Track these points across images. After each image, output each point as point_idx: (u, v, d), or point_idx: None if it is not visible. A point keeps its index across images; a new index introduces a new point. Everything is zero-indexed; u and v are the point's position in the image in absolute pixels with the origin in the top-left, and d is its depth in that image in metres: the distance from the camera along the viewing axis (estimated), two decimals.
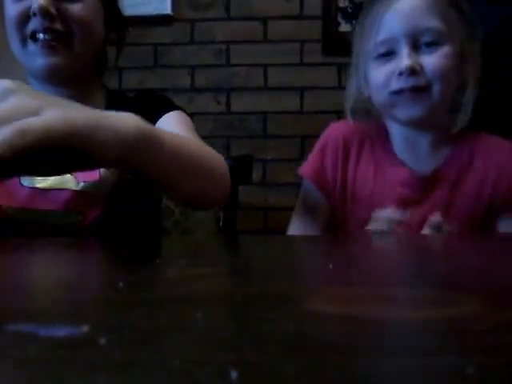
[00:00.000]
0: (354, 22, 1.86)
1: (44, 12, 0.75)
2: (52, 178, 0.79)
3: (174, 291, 0.25)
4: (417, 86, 0.83)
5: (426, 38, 0.83)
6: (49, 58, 0.78)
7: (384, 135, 0.94)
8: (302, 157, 1.88)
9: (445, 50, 0.84)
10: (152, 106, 0.88)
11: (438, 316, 0.18)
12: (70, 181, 0.80)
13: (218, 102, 1.94)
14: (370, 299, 0.22)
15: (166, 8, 1.91)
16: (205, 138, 0.83)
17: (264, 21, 1.93)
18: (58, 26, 0.77)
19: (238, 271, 0.33)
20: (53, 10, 0.76)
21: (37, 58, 0.78)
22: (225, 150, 1.91)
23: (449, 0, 0.86)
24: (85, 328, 0.16)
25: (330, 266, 0.34)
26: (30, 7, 0.76)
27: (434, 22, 0.83)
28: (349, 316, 0.18)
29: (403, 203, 0.87)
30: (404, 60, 0.82)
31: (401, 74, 0.82)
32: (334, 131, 0.96)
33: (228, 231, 1.19)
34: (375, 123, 0.94)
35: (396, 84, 0.84)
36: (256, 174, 1.71)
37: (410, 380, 0.12)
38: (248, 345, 0.15)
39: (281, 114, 1.91)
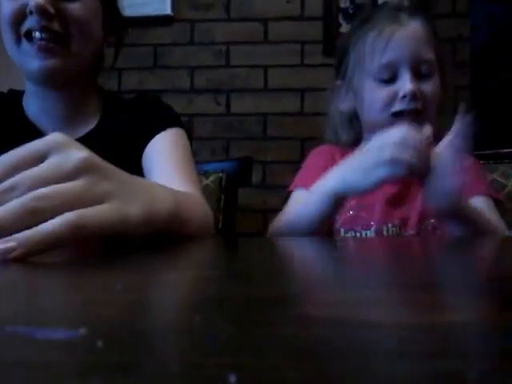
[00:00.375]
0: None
1: (41, 10, 0.74)
2: None
3: (172, 294, 0.25)
4: (415, 109, 0.90)
5: (424, 68, 0.92)
6: (45, 60, 0.77)
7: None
8: (302, 159, 1.88)
9: (436, 80, 0.93)
10: (150, 119, 0.87)
11: (437, 320, 0.18)
12: None
13: (218, 103, 1.95)
14: (369, 303, 0.22)
15: (166, 8, 1.92)
16: (204, 139, 0.84)
17: (264, 22, 1.93)
18: (55, 25, 0.76)
19: (236, 274, 0.33)
20: (50, 9, 0.75)
21: (33, 60, 0.77)
22: (224, 151, 1.91)
23: (434, 26, 0.97)
24: (82, 330, 0.16)
25: (329, 269, 0.34)
26: (26, 5, 0.75)
27: (430, 54, 0.93)
28: (348, 319, 0.18)
29: (392, 201, 0.93)
30: (408, 84, 0.89)
31: (404, 96, 0.89)
32: (321, 149, 1.04)
33: (227, 233, 1.19)
34: (347, 148, 1.01)
35: (399, 106, 0.90)
36: (256, 176, 1.72)
37: (409, 383, 0.12)
38: (247, 348, 0.15)
39: (281, 116, 1.92)
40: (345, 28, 1.87)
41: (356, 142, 1.03)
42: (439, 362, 0.13)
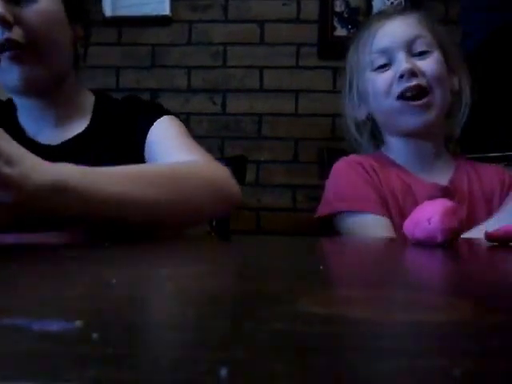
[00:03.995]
0: (349, 26, 1.87)
1: (2, 20, 0.71)
2: None
3: (166, 289, 0.25)
4: (419, 85, 0.86)
5: (418, 47, 0.88)
6: (19, 70, 0.75)
7: (388, 158, 0.96)
8: (295, 159, 1.89)
9: (435, 55, 0.89)
10: (142, 113, 0.86)
11: (425, 319, 0.19)
12: None
13: (214, 103, 1.94)
14: (358, 301, 0.22)
15: (165, 9, 1.91)
16: (200, 138, 0.84)
17: (261, 24, 1.93)
18: (15, 35, 0.73)
19: (229, 271, 0.33)
20: (10, 18, 0.72)
21: (10, 74, 0.75)
22: (219, 150, 1.91)
23: (431, 18, 0.94)
24: (78, 323, 0.16)
25: (321, 267, 0.35)
26: None
27: (424, 32, 0.90)
28: (338, 317, 0.19)
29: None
30: (403, 63, 0.86)
31: (401, 76, 0.86)
32: (350, 163, 0.94)
33: (221, 231, 1.19)
34: (372, 154, 0.97)
35: (399, 87, 0.87)
36: (249, 175, 1.71)
37: (397, 381, 0.12)
38: (238, 343, 0.15)
39: (275, 116, 1.92)
40: (340, 31, 1.88)
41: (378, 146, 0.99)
42: (426, 358, 0.14)
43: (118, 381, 0.12)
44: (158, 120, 0.84)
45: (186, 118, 1.93)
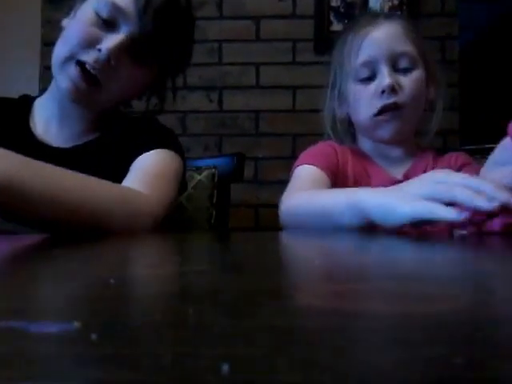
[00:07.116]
0: (346, 21, 1.87)
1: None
2: None
3: (165, 287, 0.25)
4: (396, 103, 0.91)
5: (402, 63, 0.93)
6: (80, 83, 0.79)
7: (360, 150, 1.03)
8: (293, 155, 1.89)
9: (417, 73, 0.94)
10: (141, 139, 0.86)
11: (426, 310, 0.19)
12: None
13: (211, 100, 1.94)
14: (358, 294, 0.22)
15: None
16: (197, 135, 0.84)
17: (256, 20, 1.93)
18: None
19: (229, 268, 0.33)
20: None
21: (69, 81, 0.79)
22: (217, 147, 1.91)
23: (415, 27, 0.99)
24: (76, 324, 0.16)
25: (316, 262, 0.34)
26: (96, 37, 0.79)
27: (408, 47, 0.94)
28: (337, 311, 0.19)
29: None
30: (386, 79, 0.91)
31: (383, 91, 0.91)
32: (325, 144, 1.03)
33: (220, 228, 1.19)
34: (351, 144, 1.03)
35: (379, 102, 0.92)
36: (248, 172, 1.72)
37: (398, 370, 0.12)
38: (239, 339, 0.15)
39: (273, 113, 1.92)
40: (336, 26, 1.88)
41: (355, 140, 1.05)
42: (427, 348, 0.14)
43: (119, 381, 0.12)
44: (147, 152, 0.83)
45: (182, 117, 1.92)
